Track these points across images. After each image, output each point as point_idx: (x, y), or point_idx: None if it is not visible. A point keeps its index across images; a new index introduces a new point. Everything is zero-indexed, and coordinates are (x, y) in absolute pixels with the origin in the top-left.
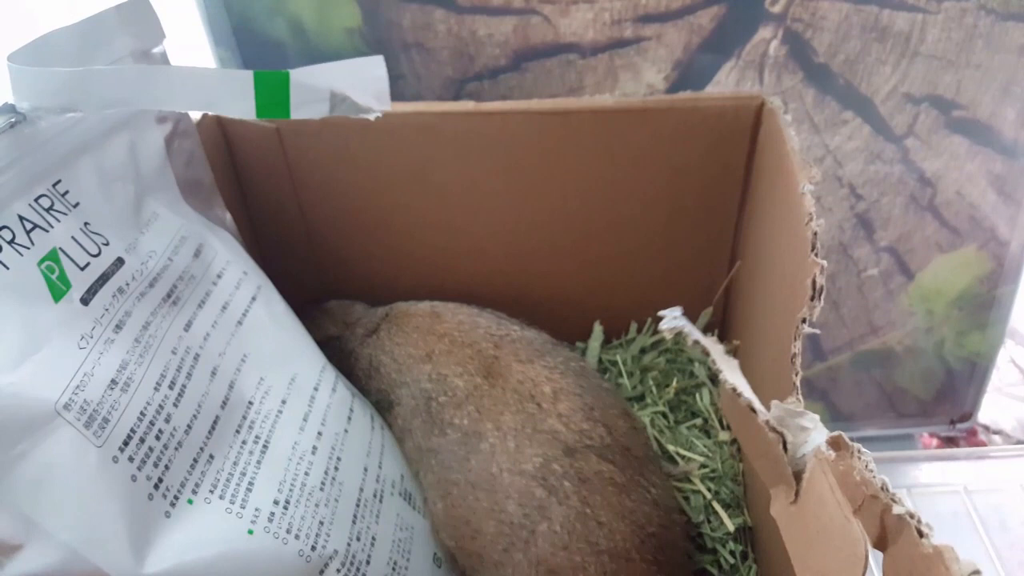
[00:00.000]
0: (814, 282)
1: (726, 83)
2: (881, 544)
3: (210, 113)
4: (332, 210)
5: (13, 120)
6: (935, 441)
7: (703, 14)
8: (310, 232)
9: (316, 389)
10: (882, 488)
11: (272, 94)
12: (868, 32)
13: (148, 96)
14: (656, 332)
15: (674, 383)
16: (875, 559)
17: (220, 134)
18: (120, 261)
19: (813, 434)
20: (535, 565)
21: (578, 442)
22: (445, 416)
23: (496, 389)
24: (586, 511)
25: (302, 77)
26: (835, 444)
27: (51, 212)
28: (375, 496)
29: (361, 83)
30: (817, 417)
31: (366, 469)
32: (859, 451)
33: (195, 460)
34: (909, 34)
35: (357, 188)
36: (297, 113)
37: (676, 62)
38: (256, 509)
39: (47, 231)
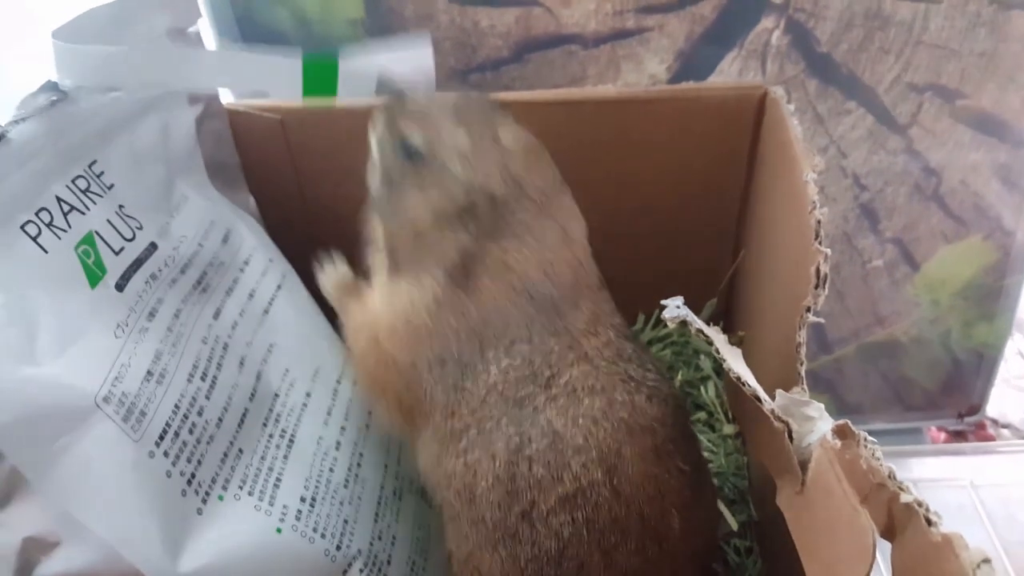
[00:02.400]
0: (818, 270)
1: (728, 73)
2: (889, 533)
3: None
4: (336, 200)
5: (55, 98)
6: (943, 435)
7: (705, 4)
8: (313, 222)
9: (339, 382)
10: (889, 476)
11: (320, 76)
12: (871, 21)
13: (192, 78)
14: (657, 324)
15: (679, 376)
16: (882, 553)
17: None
18: (153, 246)
19: (818, 423)
20: None
21: None
22: None
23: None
24: None
25: (349, 58)
26: (841, 433)
27: (87, 194)
28: (395, 494)
29: (407, 61)
30: (822, 406)
31: (386, 466)
32: (865, 439)
33: (225, 454)
34: (912, 23)
35: (360, 178)
36: (345, 94)
37: (678, 52)
38: (284, 506)
39: (84, 214)
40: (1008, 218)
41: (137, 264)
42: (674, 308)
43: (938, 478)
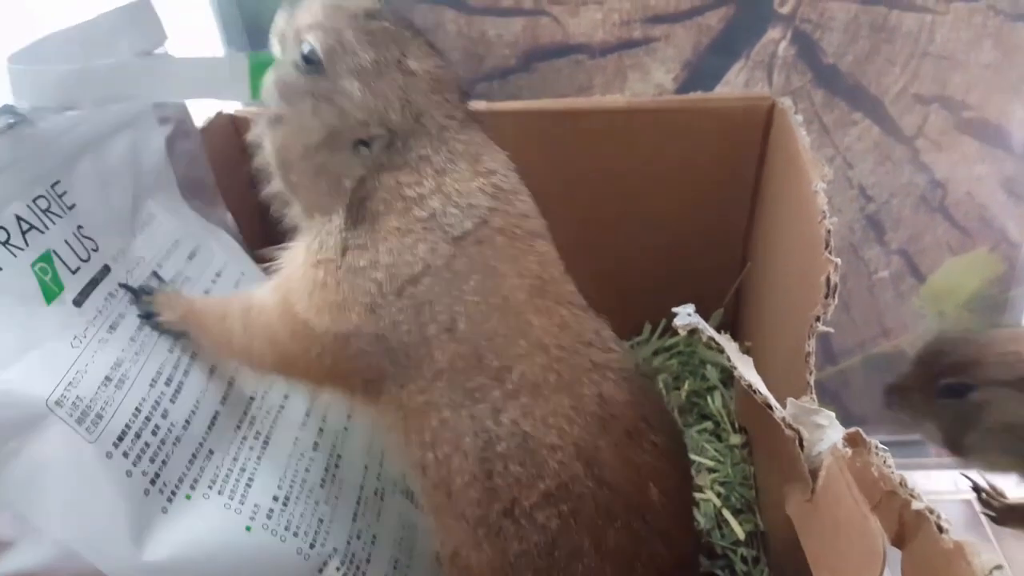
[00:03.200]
0: (828, 280)
1: (735, 83)
2: (899, 540)
3: (223, 111)
4: None
5: (12, 121)
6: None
7: (712, 15)
8: None
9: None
10: (900, 484)
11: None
12: (877, 32)
13: (146, 87)
14: (664, 334)
15: (686, 385)
16: (891, 562)
17: (233, 132)
18: (107, 268)
19: (829, 431)
20: None
21: None
22: None
23: None
24: None
25: None
26: (852, 441)
27: (48, 213)
28: (376, 494)
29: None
30: (832, 415)
31: (367, 467)
32: (876, 447)
33: (194, 455)
34: (918, 34)
35: None
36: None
37: (685, 62)
38: (255, 505)
39: (43, 232)
40: (1014, 229)
41: (94, 283)
42: (685, 316)
43: (942, 491)
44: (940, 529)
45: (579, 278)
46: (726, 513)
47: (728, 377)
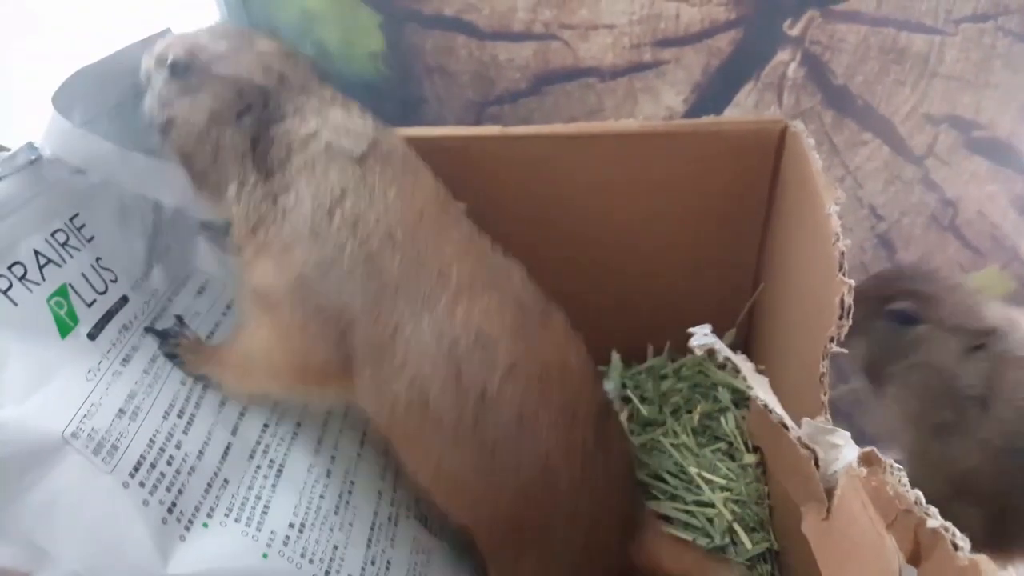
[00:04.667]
0: (842, 301)
1: (745, 105)
2: (915, 559)
3: None
4: None
5: (32, 158)
6: None
7: (722, 37)
8: None
9: (329, 413)
10: (915, 502)
11: None
12: (886, 54)
13: (151, 186)
14: (675, 356)
15: (698, 408)
16: None
17: None
18: (124, 299)
19: (844, 450)
20: None
21: None
22: None
23: None
24: (609, 471)
25: None
26: (867, 460)
27: (66, 247)
28: (390, 520)
29: None
30: (848, 434)
31: (380, 493)
32: (891, 466)
33: (209, 484)
34: (927, 55)
35: None
36: None
37: (695, 84)
38: (272, 532)
39: (60, 266)
40: None
41: (109, 315)
42: (702, 336)
43: None
44: (955, 547)
45: (591, 300)
46: (736, 527)
47: (739, 398)
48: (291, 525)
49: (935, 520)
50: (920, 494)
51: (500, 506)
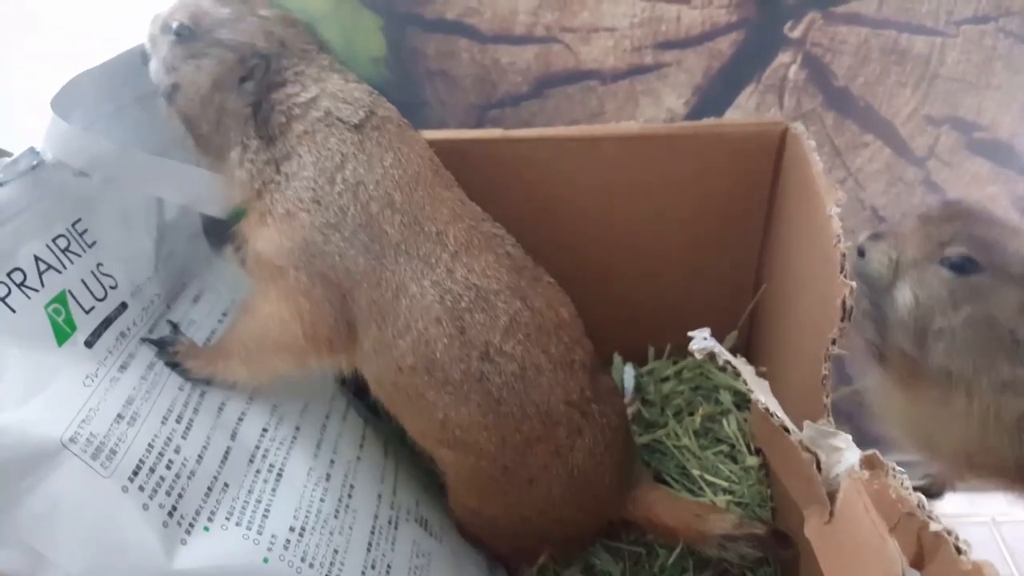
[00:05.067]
0: (844, 303)
1: (746, 107)
2: (918, 562)
3: None
4: None
5: (34, 163)
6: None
7: (723, 40)
8: None
9: (328, 416)
10: (918, 506)
11: None
12: (887, 55)
13: (152, 184)
14: (673, 357)
15: (700, 411)
16: None
17: None
18: (123, 306)
19: (846, 454)
20: None
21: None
22: None
23: None
24: (603, 421)
25: None
26: (869, 463)
27: (67, 253)
28: (390, 523)
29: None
30: (849, 437)
31: (380, 496)
32: (893, 469)
33: (209, 488)
34: (928, 57)
35: None
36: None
37: (696, 87)
38: (272, 536)
39: (60, 272)
40: None
41: (107, 322)
42: (701, 340)
43: (959, 514)
44: (959, 551)
45: (592, 302)
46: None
47: (741, 400)
48: (291, 529)
49: (938, 524)
50: (923, 497)
51: (501, 460)
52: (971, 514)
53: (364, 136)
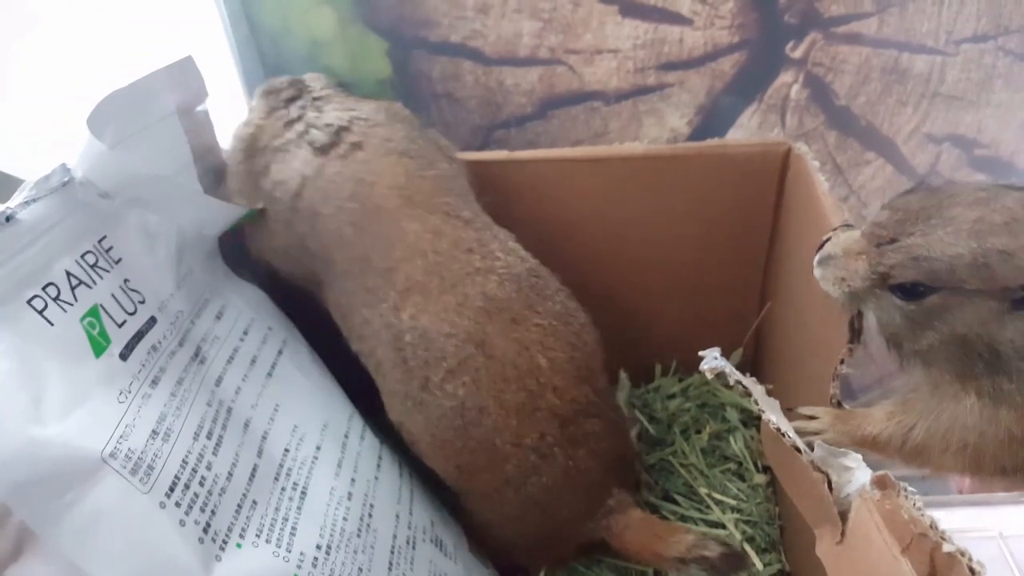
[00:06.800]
0: (852, 323)
1: (748, 126)
2: None
3: None
4: None
5: (65, 180)
6: (969, 482)
7: (725, 60)
8: None
9: (347, 436)
10: (931, 526)
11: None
12: (888, 74)
13: (177, 208)
14: (679, 375)
15: (707, 428)
16: None
17: None
18: (153, 320)
19: (857, 473)
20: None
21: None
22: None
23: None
24: (569, 464)
25: None
26: (880, 483)
27: (95, 268)
28: (408, 543)
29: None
30: (860, 457)
31: (398, 516)
32: (905, 489)
33: (239, 505)
34: (929, 75)
35: None
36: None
37: (699, 107)
38: (301, 554)
39: (91, 287)
40: None
41: (139, 336)
42: (712, 359)
43: (966, 529)
44: (972, 571)
45: (598, 320)
46: (750, 550)
47: (748, 417)
48: (318, 547)
49: (951, 544)
50: (935, 518)
51: (452, 474)
52: (978, 528)
53: (327, 162)
